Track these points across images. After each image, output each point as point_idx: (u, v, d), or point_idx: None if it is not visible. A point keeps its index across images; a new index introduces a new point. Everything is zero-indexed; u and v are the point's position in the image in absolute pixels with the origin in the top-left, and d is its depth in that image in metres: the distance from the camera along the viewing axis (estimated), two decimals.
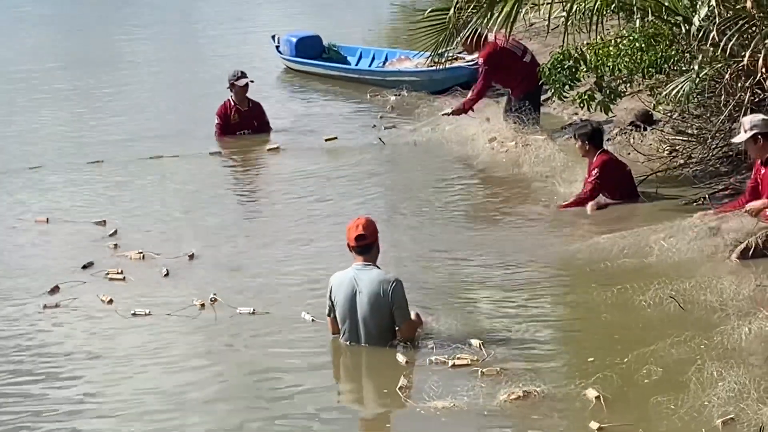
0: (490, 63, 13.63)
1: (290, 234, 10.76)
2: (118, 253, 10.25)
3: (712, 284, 8.55)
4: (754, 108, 10.58)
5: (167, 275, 9.63)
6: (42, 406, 7.50)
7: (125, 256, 10.13)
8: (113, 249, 10.38)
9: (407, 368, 7.63)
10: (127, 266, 9.87)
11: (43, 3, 30.19)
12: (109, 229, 10.90)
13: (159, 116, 16.38)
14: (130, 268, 9.85)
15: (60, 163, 13.75)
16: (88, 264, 9.94)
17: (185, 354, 8.21)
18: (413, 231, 10.71)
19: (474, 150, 13.16)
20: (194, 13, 28.31)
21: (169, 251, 10.22)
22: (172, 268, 9.79)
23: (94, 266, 9.91)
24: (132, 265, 9.95)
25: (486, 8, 11.37)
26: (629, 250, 9.54)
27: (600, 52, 11.36)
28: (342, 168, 13.12)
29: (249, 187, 13.12)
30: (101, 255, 10.23)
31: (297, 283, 9.39)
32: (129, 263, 9.98)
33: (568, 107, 14.28)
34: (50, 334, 8.68)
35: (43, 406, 7.51)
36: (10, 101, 17.69)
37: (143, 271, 9.78)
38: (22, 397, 7.64)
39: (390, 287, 7.94)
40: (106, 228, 10.96)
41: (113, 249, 10.38)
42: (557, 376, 7.43)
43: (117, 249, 10.37)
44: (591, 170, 11.03)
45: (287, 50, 19.09)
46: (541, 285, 9.22)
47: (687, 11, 10.66)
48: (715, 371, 7.03)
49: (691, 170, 11.69)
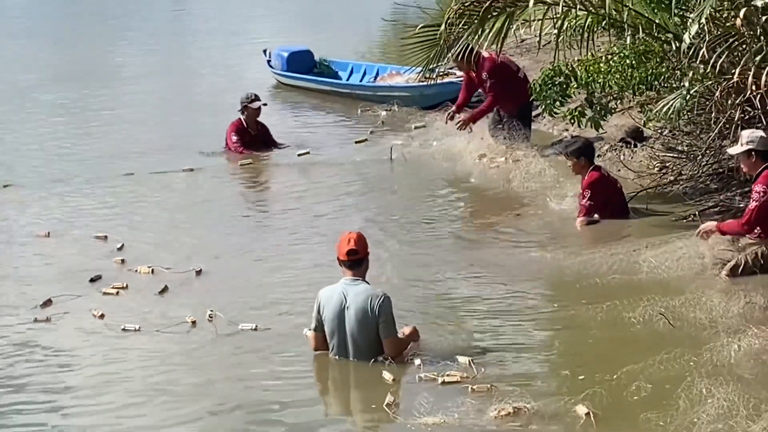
0: (495, 75, 13.66)
1: (296, 249, 10.74)
2: (127, 268, 10.19)
3: (702, 301, 8.57)
4: (745, 125, 10.60)
5: (164, 291, 9.57)
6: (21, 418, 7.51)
7: (134, 271, 10.08)
8: (120, 264, 10.31)
9: (395, 385, 7.62)
10: (135, 281, 9.82)
11: (31, 16, 30.16)
12: (112, 244, 10.83)
13: (156, 130, 16.27)
14: (139, 282, 9.80)
15: (65, 178, 13.62)
16: (96, 277, 9.90)
17: (173, 368, 8.20)
18: (402, 247, 10.69)
19: (463, 166, 13.17)
20: (185, 26, 28.35)
21: (178, 266, 10.16)
22: (179, 284, 9.76)
23: (102, 280, 9.88)
24: (141, 279, 9.89)
25: (477, 24, 11.38)
26: (619, 266, 9.55)
27: (591, 69, 11.38)
28: (335, 184, 13.09)
29: (254, 202, 13.04)
30: (106, 269, 10.16)
31: (306, 299, 9.26)
32: (137, 278, 9.93)
33: (559, 123, 14.31)
34: (36, 347, 8.65)
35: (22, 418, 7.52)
36: (4, 115, 17.62)
37: (147, 287, 9.71)
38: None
39: (378, 302, 7.93)
40: (107, 243, 10.90)
41: (120, 264, 10.31)
42: (547, 393, 7.42)
43: (124, 264, 10.31)
44: (582, 191, 11.02)
45: (278, 64, 19.10)
46: (531, 302, 9.21)
47: (677, 29, 10.69)
48: (704, 388, 7.04)
49: (681, 187, 11.70)
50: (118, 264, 10.33)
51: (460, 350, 8.08)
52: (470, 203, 12.29)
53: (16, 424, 7.48)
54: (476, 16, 11.37)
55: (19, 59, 23.28)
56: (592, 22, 11.03)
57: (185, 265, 10.20)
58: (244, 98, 14.80)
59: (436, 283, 9.69)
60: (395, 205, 12.19)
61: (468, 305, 9.20)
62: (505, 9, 11.22)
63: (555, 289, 9.58)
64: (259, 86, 19.05)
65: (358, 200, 12.50)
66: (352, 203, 12.37)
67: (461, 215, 11.94)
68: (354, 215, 11.85)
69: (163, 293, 9.55)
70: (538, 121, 14.68)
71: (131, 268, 10.15)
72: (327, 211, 11.99)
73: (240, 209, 12.51)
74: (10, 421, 7.52)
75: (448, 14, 11.58)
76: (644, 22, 10.87)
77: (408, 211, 11.90)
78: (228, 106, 17.66)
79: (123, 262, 10.36)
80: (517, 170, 12.47)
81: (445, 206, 12.13)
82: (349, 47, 22.31)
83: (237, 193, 13.32)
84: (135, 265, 10.20)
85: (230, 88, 19.21)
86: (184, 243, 11.05)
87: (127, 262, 10.33)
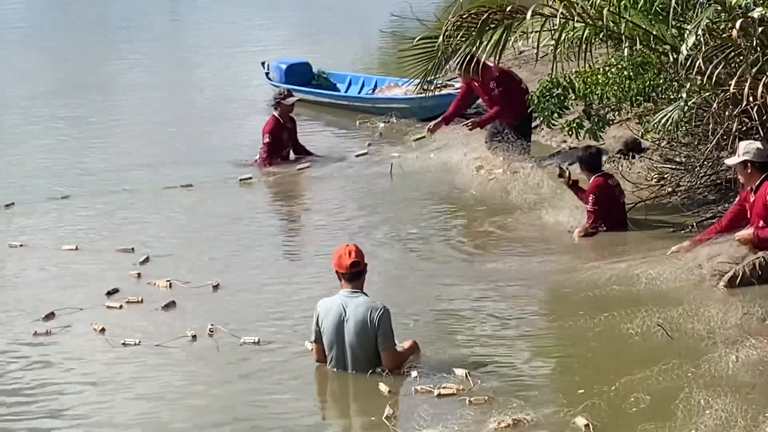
0: (502, 83, 13.70)
1: (314, 264, 10.66)
2: (147, 281, 10.15)
3: (700, 312, 8.58)
4: (742, 136, 10.62)
5: (169, 306, 9.51)
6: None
7: (153, 285, 10.04)
8: (137, 278, 10.27)
9: (392, 397, 7.62)
10: (152, 295, 9.77)
11: (29, 28, 30.14)
12: (138, 257, 10.79)
13: (161, 143, 16.12)
14: (156, 296, 9.74)
15: (85, 191, 13.52)
16: (113, 291, 9.87)
17: (170, 382, 8.20)
18: (401, 260, 10.71)
19: (462, 178, 13.17)
20: (183, 39, 28.33)
21: (198, 280, 10.12)
22: (194, 298, 9.72)
23: (119, 293, 9.85)
24: (159, 293, 9.84)
25: (475, 36, 11.41)
26: (616, 278, 9.55)
27: (588, 80, 11.39)
28: (337, 197, 13.13)
29: (276, 215, 13.03)
30: (126, 283, 10.13)
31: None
32: (155, 292, 9.88)
33: (557, 135, 14.31)
34: (33, 360, 8.67)
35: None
36: (13, 128, 17.56)
37: (163, 300, 9.62)
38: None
39: (377, 314, 7.94)
40: (134, 255, 10.86)
41: (137, 278, 10.27)
42: (546, 404, 7.43)
43: (140, 278, 10.27)
44: (587, 196, 11.05)
45: (277, 77, 19.09)
46: (529, 313, 9.23)
47: (675, 40, 10.71)
48: (702, 399, 7.05)
49: (679, 198, 11.72)
50: (134, 278, 10.28)
51: (457, 362, 8.09)
52: (468, 215, 12.28)
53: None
54: (474, 28, 11.40)
55: (18, 71, 23.27)
56: (590, 33, 11.06)
57: (207, 278, 10.13)
58: (277, 94, 14.74)
59: (434, 295, 9.69)
60: (394, 218, 12.18)
61: (465, 317, 9.20)
62: (502, 21, 11.25)
63: (553, 300, 9.59)
64: (258, 98, 19.13)
65: (358, 213, 12.47)
66: (352, 216, 12.33)
67: (459, 227, 11.93)
68: (352, 228, 11.81)
69: (168, 308, 9.49)
70: (537, 133, 14.68)
71: (150, 282, 10.11)
72: (339, 225, 11.97)
73: (262, 224, 12.38)
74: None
75: (446, 26, 11.60)
76: (642, 34, 10.89)
77: (406, 224, 11.89)
78: (228, 118, 17.78)
79: (139, 276, 10.30)
80: (516, 182, 12.48)
81: (443, 218, 12.13)
82: (347, 59, 22.30)
83: (256, 207, 13.12)
84: (154, 278, 10.15)
85: (229, 100, 19.26)
86: (206, 257, 11.00)
87: (146, 276, 10.25)
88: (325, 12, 30.05)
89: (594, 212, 10.98)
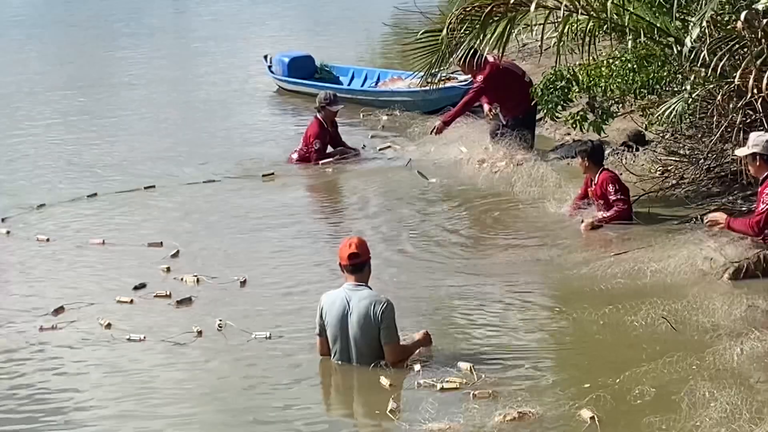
0: (488, 83, 13.68)
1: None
2: (173, 276, 10.11)
3: (704, 305, 8.58)
4: (746, 128, 10.61)
5: (184, 302, 9.44)
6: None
7: (180, 280, 9.98)
8: (166, 272, 10.22)
9: (395, 391, 7.60)
10: (179, 290, 9.70)
11: (33, 25, 30.12)
12: (168, 251, 10.74)
13: (179, 139, 16.07)
14: (183, 292, 9.67)
15: (112, 187, 13.41)
16: (140, 285, 9.82)
17: (176, 378, 8.19)
18: (405, 253, 10.69)
19: (465, 172, 13.16)
20: (186, 33, 28.30)
21: (226, 275, 10.04)
22: (215, 294, 9.66)
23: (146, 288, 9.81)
24: (185, 289, 9.78)
25: (478, 29, 11.40)
26: (621, 270, 9.54)
27: (592, 73, 11.40)
28: (336, 191, 13.16)
29: (304, 211, 12.84)
30: (156, 277, 10.09)
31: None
32: (182, 287, 9.82)
33: (561, 127, 14.31)
34: (36, 355, 8.64)
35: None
36: (26, 125, 17.47)
37: (190, 295, 9.60)
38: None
39: (381, 308, 7.93)
40: (163, 250, 10.80)
41: (166, 272, 10.22)
42: (551, 397, 7.42)
43: (169, 272, 10.22)
44: (603, 188, 10.99)
45: (279, 70, 19.10)
46: (533, 306, 9.21)
47: (679, 32, 10.70)
48: (707, 392, 7.05)
49: (683, 191, 11.72)
50: (163, 272, 10.23)
51: (461, 356, 8.07)
52: (472, 208, 12.26)
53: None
54: (478, 21, 11.38)
55: (21, 66, 23.27)
56: (594, 26, 11.05)
57: (236, 273, 10.05)
58: (323, 99, 14.54)
59: (438, 289, 9.68)
60: (397, 211, 12.16)
61: (470, 311, 9.19)
62: (506, 14, 11.23)
63: (557, 293, 9.59)
64: (261, 92, 19.15)
65: (364, 208, 12.47)
66: (356, 211, 12.35)
67: (462, 220, 11.91)
68: (357, 223, 11.83)
69: (182, 304, 9.44)
70: (540, 126, 14.68)
71: (176, 277, 10.06)
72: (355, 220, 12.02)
73: (291, 219, 12.23)
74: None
75: (449, 19, 11.59)
76: (645, 26, 10.87)
77: (410, 218, 11.87)
78: (233, 112, 17.78)
79: (168, 270, 10.25)
80: (520, 175, 12.47)
81: (447, 212, 12.09)
82: (350, 52, 22.31)
83: (290, 203, 12.98)
84: (182, 273, 10.09)
85: (232, 94, 19.26)
86: (236, 252, 10.92)
87: (175, 271, 10.21)
88: (327, 5, 30.05)
89: (621, 199, 10.94)
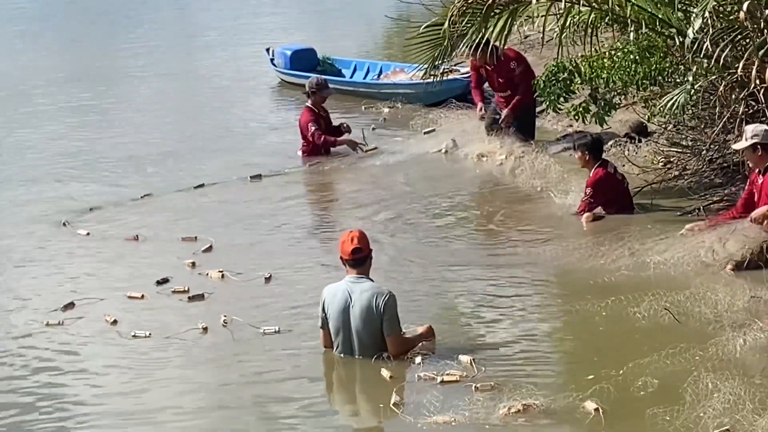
0: (522, 62, 13.70)
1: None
2: (198, 272, 10.05)
3: (707, 296, 8.57)
4: (749, 119, 10.61)
5: (195, 298, 9.39)
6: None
7: (205, 275, 9.93)
8: (191, 267, 10.17)
9: (398, 384, 7.59)
10: (203, 285, 9.65)
11: (39, 19, 30.14)
12: (201, 245, 10.68)
13: (195, 135, 16.09)
14: (206, 287, 9.61)
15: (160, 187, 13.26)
16: (163, 280, 9.77)
17: (178, 372, 8.20)
18: (407, 247, 10.68)
19: (465, 166, 13.18)
20: (187, 27, 28.33)
21: (254, 271, 9.96)
22: (235, 290, 9.59)
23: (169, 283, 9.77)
24: (207, 284, 9.73)
25: (481, 21, 11.40)
26: (623, 262, 9.56)
27: (594, 65, 11.39)
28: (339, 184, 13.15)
29: (332, 208, 12.75)
30: (179, 271, 10.05)
31: None
32: (206, 282, 9.77)
33: (563, 119, 14.31)
34: (40, 351, 8.63)
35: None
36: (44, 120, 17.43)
37: (213, 290, 9.54)
38: None
39: (383, 300, 7.94)
40: (196, 244, 10.74)
41: (191, 267, 10.17)
42: (555, 389, 7.42)
43: (194, 267, 10.15)
44: (585, 188, 11.04)
45: (282, 63, 19.11)
46: (536, 298, 9.23)
47: (681, 23, 10.70)
48: (710, 382, 7.05)
49: (685, 182, 11.72)
50: (188, 267, 10.18)
51: (462, 349, 8.09)
52: (474, 201, 12.28)
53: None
54: (479, 14, 11.38)
55: (24, 60, 23.30)
56: (596, 17, 11.05)
57: (267, 269, 9.96)
58: (313, 84, 14.45)
59: (440, 281, 9.69)
60: (400, 204, 12.14)
61: (472, 303, 9.19)
62: (508, 6, 11.23)
63: (560, 285, 9.59)
64: (263, 85, 19.17)
65: (361, 200, 12.47)
66: (362, 205, 12.30)
67: (465, 213, 11.92)
68: (359, 216, 11.79)
69: (194, 300, 9.38)
70: (542, 117, 14.68)
71: (201, 272, 10.00)
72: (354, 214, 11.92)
73: (318, 215, 12.34)
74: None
75: (451, 12, 11.58)
76: (647, 18, 10.87)
77: (412, 212, 11.84)
78: (235, 106, 17.80)
79: (193, 265, 10.18)
80: (521, 167, 12.49)
81: (449, 205, 12.08)
82: (352, 45, 22.31)
83: (312, 199, 13.13)
84: (211, 268, 10.01)
85: (235, 87, 19.29)
86: (267, 248, 10.84)
87: (202, 266, 10.14)
88: None
89: (586, 203, 10.95)
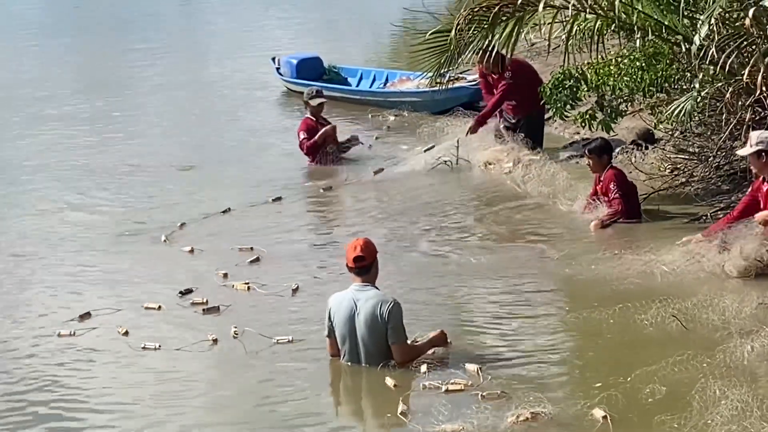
0: (516, 74, 13.66)
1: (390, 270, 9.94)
2: (223, 283, 9.96)
3: (714, 303, 8.56)
4: (755, 126, 10.60)
5: (211, 310, 9.29)
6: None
7: (232, 287, 9.83)
8: (223, 278, 10.07)
9: (404, 393, 7.58)
10: (228, 297, 9.55)
11: (47, 29, 30.16)
12: (250, 256, 10.57)
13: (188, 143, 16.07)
14: (230, 299, 9.52)
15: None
16: (186, 291, 9.69)
17: (187, 383, 8.18)
18: (414, 255, 10.68)
19: (473, 174, 13.17)
20: (193, 35, 28.35)
21: (284, 281, 9.86)
22: (259, 301, 9.52)
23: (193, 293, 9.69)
24: (234, 295, 9.66)
25: (487, 29, 11.41)
26: (631, 269, 9.54)
27: (601, 72, 11.39)
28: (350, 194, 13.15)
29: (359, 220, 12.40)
30: (207, 283, 9.96)
31: None
32: (231, 294, 9.67)
33: (570, 126, 14.31)
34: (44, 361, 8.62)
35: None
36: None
37: (237, 302, 9.46)
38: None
39: (387, 308, 7.94)
40: (243, 255, 10.63)
41: (223, 278, 10.07)
42: (563, 397, 7.43)
43: (227, 278, 10.04)
44: (607, 186, 11.03)
45: (288, 72, 19.12)
46: (543, 305, 9.21)
47: (687, 30, 10.70)
48: (718, 390, 7.04)
49: (692, 189, 11.71)
50: (220, 277, 10.10)
51: (469, 357, 8.08)
52: (483, 209, 12.25)
53: None
54: (486, 21, 11.40)
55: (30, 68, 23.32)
56: (602, 25, 11.06)
57: (304, 283, 9.87)
58: (306, 95, 14.57)
59: (447, 289, 9.68)
60: (406, 212, 12.12)
61: (479, 311, 9.20)
62: (514, 13, 11.25)
63: (567, 292, 9.59)
64: (269, 94, 19.17)
65: (368, 209, 12.46)
66: (362, 212, 12.35)
67: (472, 221, 11.90)
68: (364, 224, 11.80)
69: (209, 312, 9.29)
70: (549, 125, 14.68)
71: (226, 284, 9.91)
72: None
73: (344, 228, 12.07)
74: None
75: (457, 20, 11.60)
76: (654, 25, 10.87)
77: (420, 220, 11.82)
78: (240, 115, 17.80)
79: (226, 276, 10.08)
80: (529, 175, 12.47)
81: (456, 213, 12.08)
82: (358, 53, 22.33)
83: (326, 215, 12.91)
84: (247, 280, 9.90)
85: (241, 97, 19.28)
86: (314, 260, 10.70)
87: (232, 276, 10.05)
88: (336, 6, 30.06)
89: (620, 198, 10.95)
